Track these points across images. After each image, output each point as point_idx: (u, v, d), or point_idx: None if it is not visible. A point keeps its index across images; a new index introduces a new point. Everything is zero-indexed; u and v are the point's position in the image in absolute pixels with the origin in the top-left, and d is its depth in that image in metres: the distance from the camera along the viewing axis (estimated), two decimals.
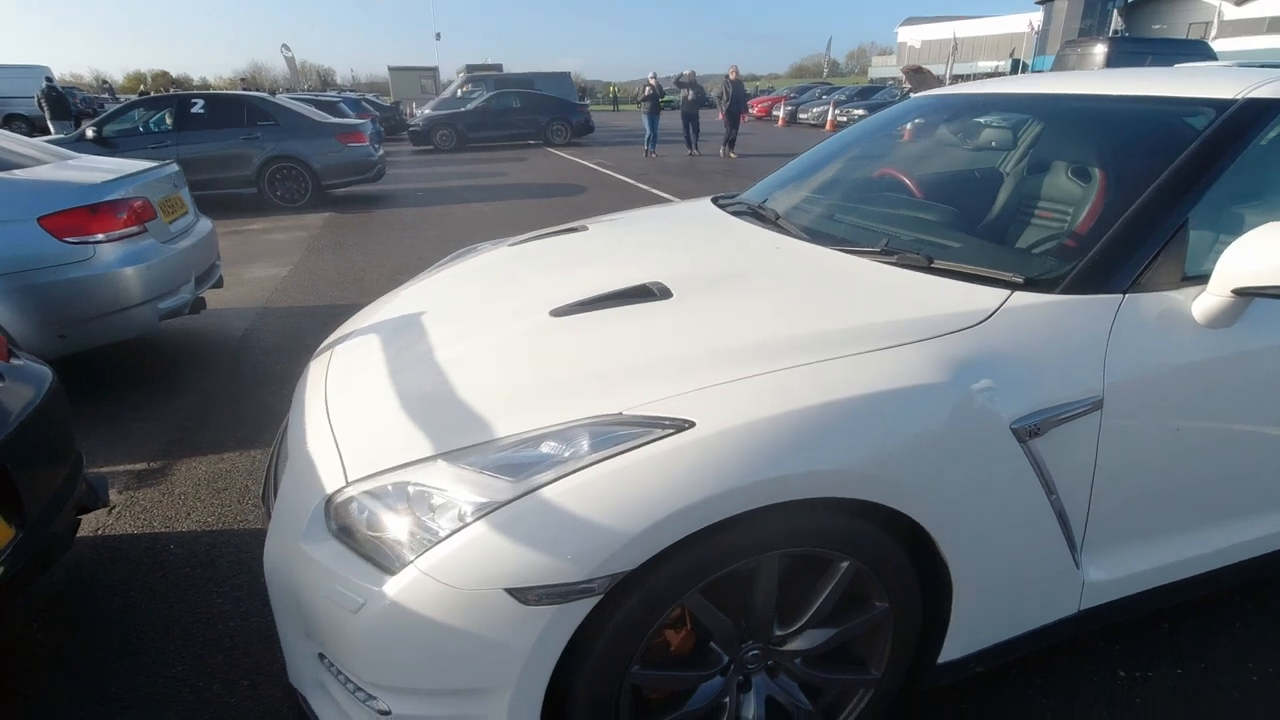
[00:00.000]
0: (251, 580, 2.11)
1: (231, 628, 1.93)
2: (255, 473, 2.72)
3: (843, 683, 1.39)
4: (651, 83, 14.51)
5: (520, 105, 18.39)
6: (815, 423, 1.17)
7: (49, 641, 1.89)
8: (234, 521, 2.41)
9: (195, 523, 2.41)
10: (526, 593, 1.07)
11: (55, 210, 3.11)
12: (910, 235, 1.80)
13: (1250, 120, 1.58)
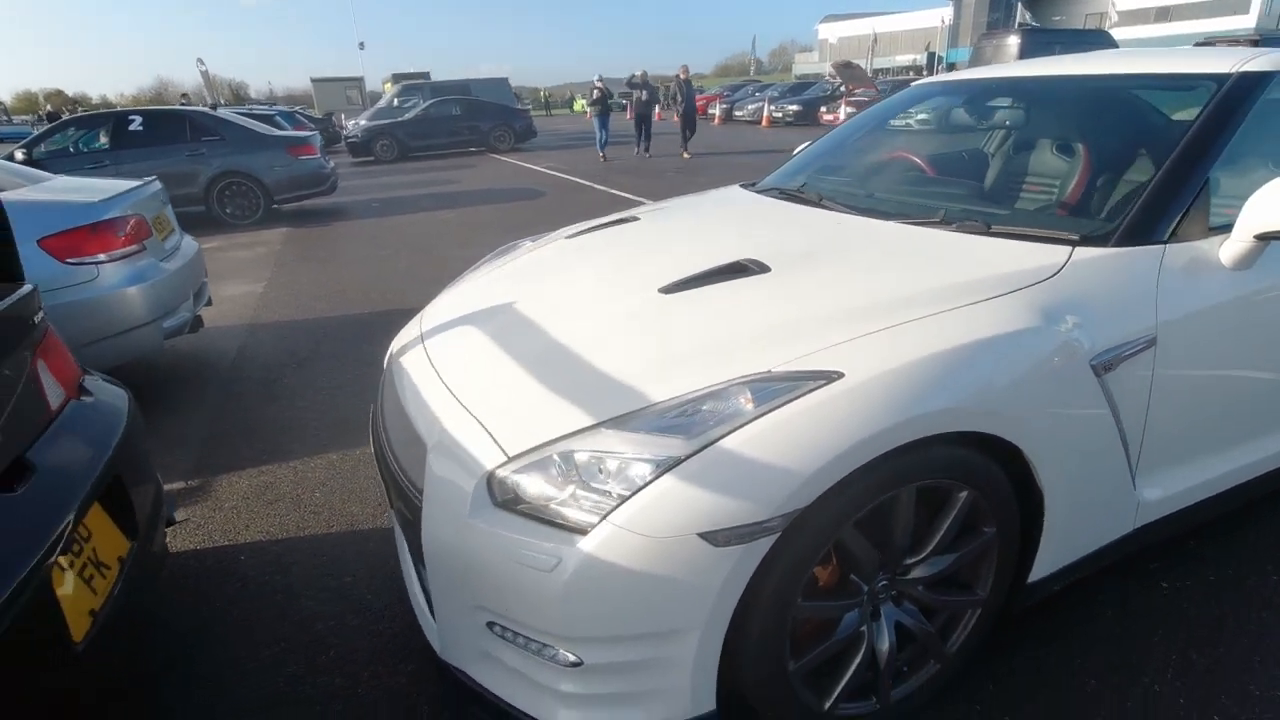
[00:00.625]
0: (335, 582, 2.14)
1: (330, 626, 1.96)
2: (302, 482, 2.71)
3: (956, 604, 1.55)
4: (599, 85, 14.58)
5: (461, 112, 18.22)
6: (944, 366, 1.32)
7: (151, 659, 1.88)
8: (296, 529, 2.42)
9: (257, 534, 2.41)
10: (716, 535, 1.18)
11: (55, 231, 3.03)
12: (957, 207, 1.97)
13: (1247, 90, 1.81)
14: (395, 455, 1.66)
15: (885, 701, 1.51)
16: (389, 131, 17.41)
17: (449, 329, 1.89)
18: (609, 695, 1.29)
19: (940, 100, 2.76)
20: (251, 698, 1.72)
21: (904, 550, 1.43)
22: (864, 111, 2.89)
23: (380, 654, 1.84)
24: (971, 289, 1.50)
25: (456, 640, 1.44)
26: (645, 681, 1.27)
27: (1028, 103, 2.37)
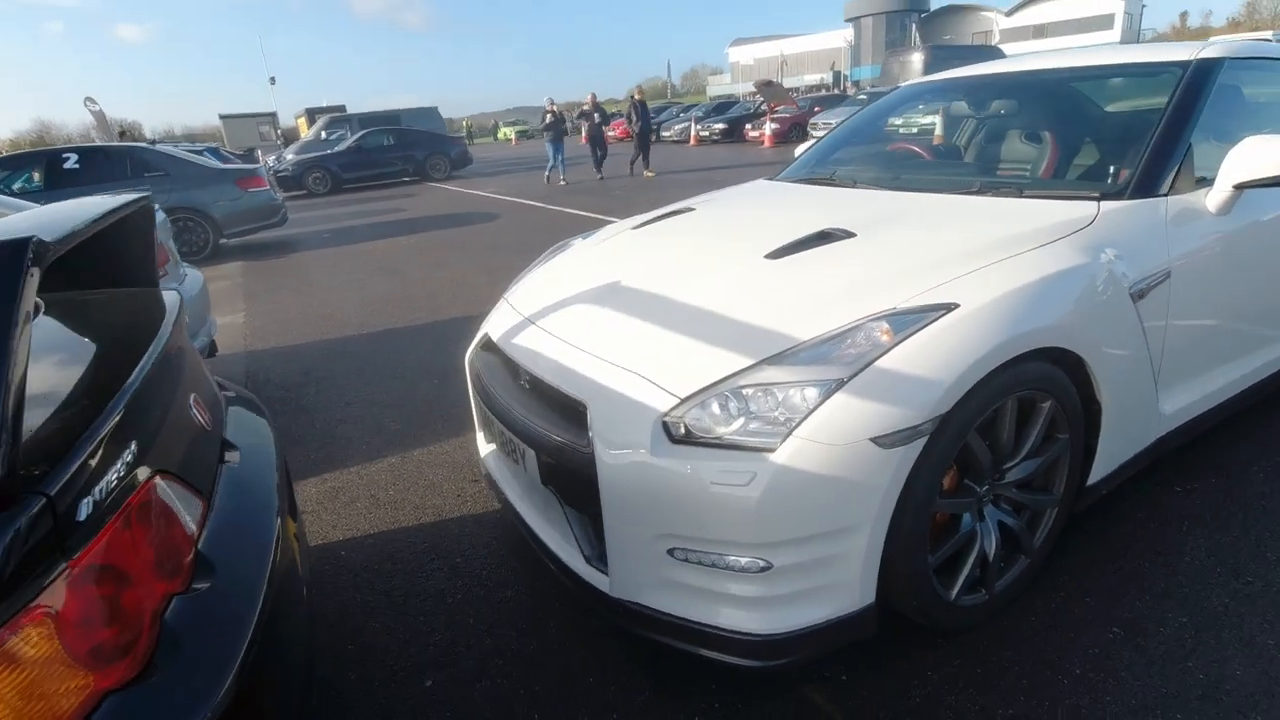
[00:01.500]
0: (446, 564, 2.25)
1: (459, 600, 2.07)
2: (372, 484, 2.79)
3: (1041, 502, 1.82)
4: (552, 109, 14.38)
5: (394, 142, 18.10)
6: (1030, 295, 1.60)
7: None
8: (384, 525, 2.50)
9: (347, 531, 2.48)
10: (884, 439, 1.41)
11: None
12: (987, 179, 2.30)
13: (1207, 72, 2.21)
14: (531, 425, 1.80)
15: (991, 592, 1.76)
16: (321, 164, 17.13)
17: (561, 308, 2.06)
18: (790, 594, 1.49)
19: (933, 97, 3.13)
20: (423, 662, 1.83)
21: (1007, 455, 1.69)
22: (859, 113, 3.22)
23: (515, 614, 1.98)
24: (1030, 237, 1.80)
25: (632, 575, 1.61)
26: (822, 578, 1.48)
27: (1034, 92, 2.73)
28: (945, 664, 1.69)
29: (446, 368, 3.97)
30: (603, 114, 14.68)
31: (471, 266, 6.80)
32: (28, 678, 0.74)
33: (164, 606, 0.96)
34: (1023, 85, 2.76)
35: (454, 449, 3.00)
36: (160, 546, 1.00)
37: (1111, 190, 2.02)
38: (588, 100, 14.89)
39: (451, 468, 2.84)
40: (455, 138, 20.22)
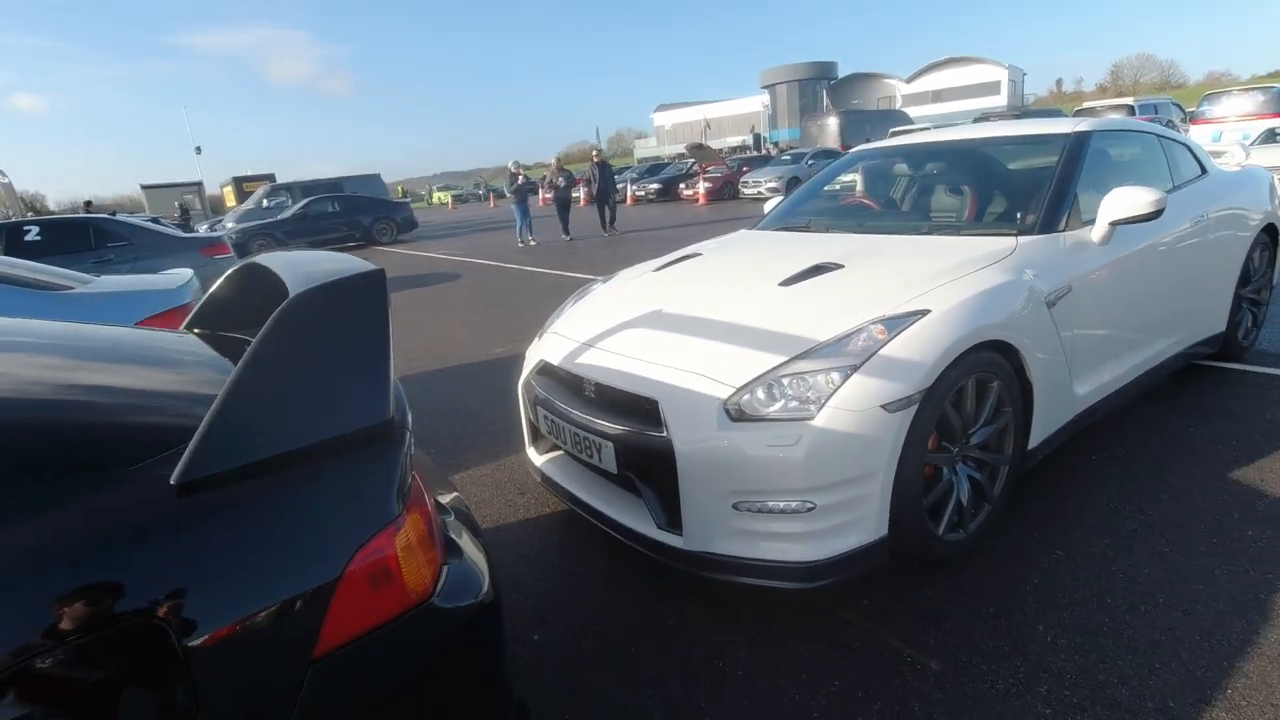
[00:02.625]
0: (519, 555, 2.63)
1: (539, 581, 2.47)
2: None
3: (995, 460, 2.38)
4: (518, 171, 14.64)
5: (339, 208, 18.33)
6: (980, 302, 2.20)
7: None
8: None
9: None
10: (889, 405, 1.95)
11: (153, 314, 3.33)
12: (932, 223, 2.95)
13: (1082, 141, 2.96)
14: (607, 424, 2.26)
15: (967, 531, 2.30)
16: (266, 231, 17.15)
17: (615, 332, 2.55)
18: (829, 529, 1.98)
19: (875, 161, 3.83)
20: (525, 625, 2.22)
21: (971, 421, 2.26)
22: (821, 172, 3.90)
23: (590, 586, 2.40)
24: (972, 263, 2.42)
25: (703, 529, 2.07)
26: (851, 513, 1.99)
27: (958, 156, 3.46)
28: (938, 584, 2.20)
29: (462, 410, 4.36)
30: (568, 176, 14.90)
31: (450, 322, 7.19)
32: (419, 537, 1.16)
33: (443, 528, 1.38)
34: (947, 151, 3.49)
35: (493, 471, 3.39)
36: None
37: (1025, 228, 2.69)
38: (552, 164, 15.30)
39: (496, 486, 3.23)
40: (401, 202, 20.62)
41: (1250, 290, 3.85)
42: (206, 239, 9.26)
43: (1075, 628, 1.99)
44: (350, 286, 1.26)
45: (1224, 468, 2.79)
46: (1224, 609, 2.01)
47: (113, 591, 0.92)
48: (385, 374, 1.22)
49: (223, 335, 1.83)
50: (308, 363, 1.14)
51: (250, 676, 1.00)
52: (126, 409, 1.23)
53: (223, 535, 1.01)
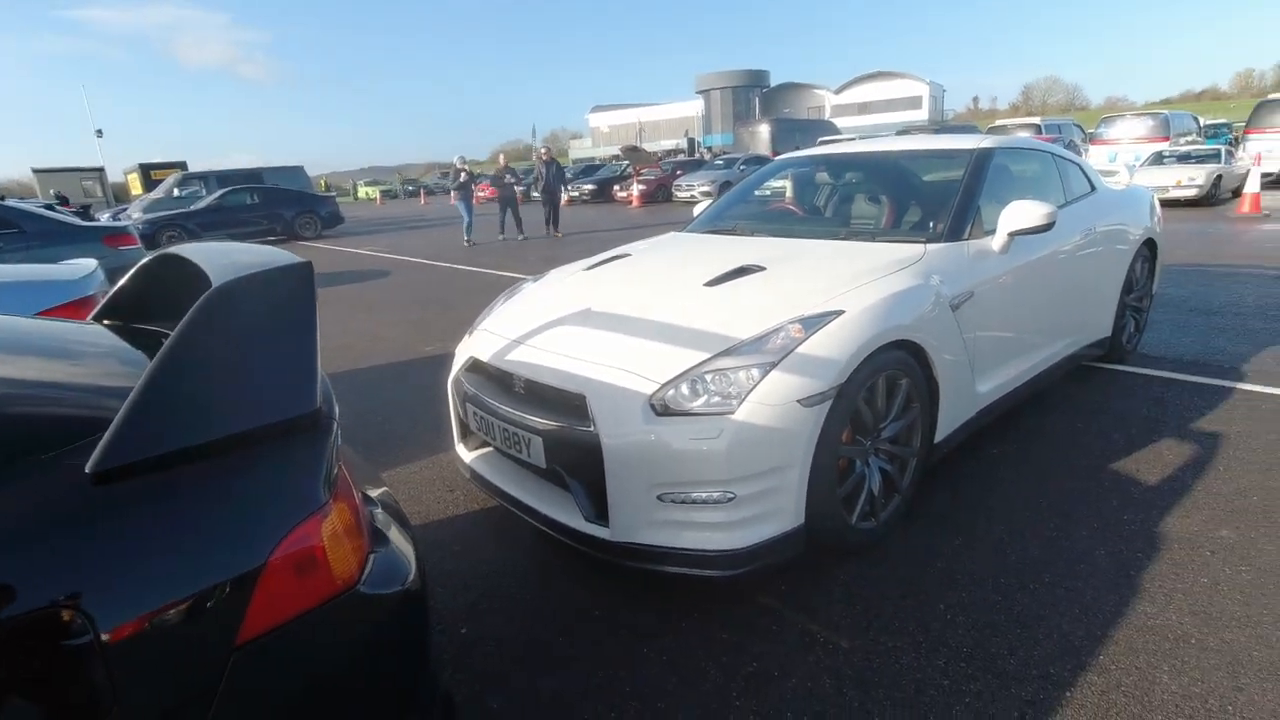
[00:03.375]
0: (448, 551, 2.63)
1: (469, 574, 2.48)
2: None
3: (904, 453, 2.54)
4: (464, 167, 14.04)
5: (259, 200, 17.57)
6: (890, 304, 2.35)
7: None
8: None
9: None
10: (805, 400, 2.06)
11: (53, 305, 3.15)
12: (849, 229, 3.11)
13: (986, 157, 3.18)
14: (536, 419, 2.30)
15: (879, 520, 2.45)
16: (177, 222, 16.28)
17: (545, 329, 2.58)
18: (749, 518, 2.08)
19: (800, 169, 3.99)
20: (454, 618, 2.23)
21: (882, 417, 2.41)
22: (747, 178, 4.04)
23: (521, 576, 2.43)
24: (884, 267, 2.58)
25: (630, 521, 2.13)
26: (769, 503, 2.09)
27: (873, 168, 3.65)
28: (851, 570, 2.34)
29: (390, 408, 4.29)
30: (514, 174, 14.40)
31: (379, 320, 7.02)
32: (345, 525, 1.18)
33: (370, 517, 1.39)
34: (869, 162, 3.68)
35: (422, 468, 3.36)
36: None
37: (933, 236, 2.87)
38: (500, 161, 14.92)
39: (426, 483, 3.21)
40: (326, 196, 19.93)
41: (1133, 298, 4.21)
42: (110, 228, 8.74)
43: (972, 606, 2.15)
44: (277, 278, 1.26)
45: (1106, 459, 3.05)
46: (1100, 585, 2.21)
47: (24, 583, 0.90)
48: (312, 365, 1.23)
49: (135, 328, 1.78)
50: (232, 353, 1.14)
51: (171, 665, 0.99)
52: (36, 399, 1.20)
53: (141, 524, 1.00)
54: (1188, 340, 4.71)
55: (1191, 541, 2.41)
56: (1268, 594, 2.13)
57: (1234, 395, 3.72)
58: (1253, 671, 1.83)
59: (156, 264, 1.79)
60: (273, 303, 1.22)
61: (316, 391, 1.21)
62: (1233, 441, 3.16)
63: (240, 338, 1.16)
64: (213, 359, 1.12)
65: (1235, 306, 5.52)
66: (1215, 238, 9.06)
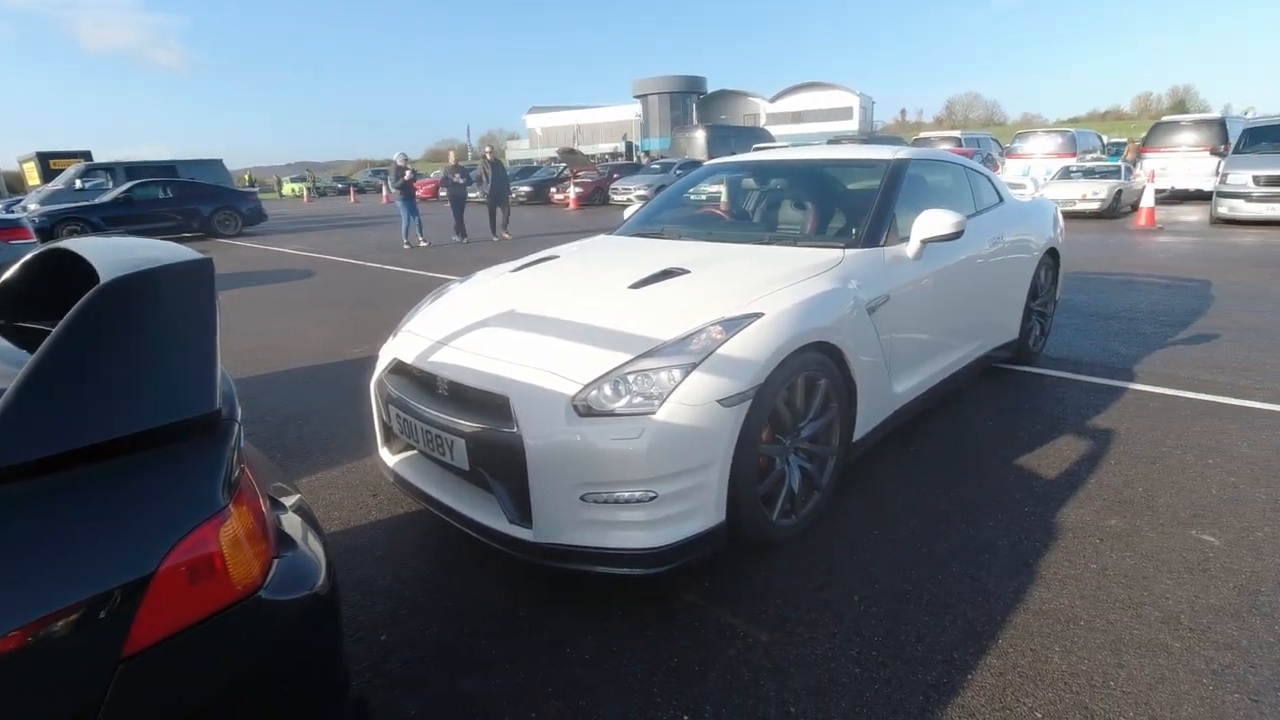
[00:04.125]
0: (369, 557, 2.57)
1: (390, 580, 2.43)
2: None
3: (824, 451, 2.63)
4: (405, 164, 13.16)
5: (173, 195, 16.66)
6: (808, 307, 2.43)
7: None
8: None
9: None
10: (725, 400, 2.11)
11: None
12: (772, 234, 3.20)
13: (901, 167, 3.32)
14: (459, 421, 2.28)
15: (799, 516, 2.52)
16: (80, 215, 15.26)
17: (469, 331, 2.55)
18: (669, 516, 2.11)
19: (727, 174, 4.08)
20: (374, 624, 2.17)
21: (801, 416, 2.48)
22: (676, 182, 4.09)
23: (443, 582, 2.39)
24: (804, 271, 2.66)
25: (554, 521, 2.13)
26: (690, 501, 2.12)
27: (796, 175, 3.77)
28: (772, 565, 2.40)
29: (312, 412, 4.15)
30: (464, 174, 13.78)
31: (303, 321, 6.78)
32: (247, 530, 1.14)
33: (275, 522, 1.35)
34: (793, 169, 3.79)
35: (344, 473, 3.27)
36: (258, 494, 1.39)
37: (851, 242, 2.98)
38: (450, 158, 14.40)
39: (348, 488, 3.12)
40: (248, 192, 19.09)
41: (1038, 304, 4.46)
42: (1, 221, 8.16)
43: (884, 596, 2.24)
44: (173, 275, 1.21)
45: (1012, 454, 3.23)
46: (1002, 573, 2.34)
47: None
48: (211, 366, 1.19)
49: (17, 325, 1.67)
50: (119, 352, 1.09)
51: (51, 680, 0.94)
52: None
53: (15, 533, 0.95)
54: (1088, 343, 5.03)
55: (1084, 530, 2.58)
56: (1148, 577, 2.30)
57: (1126, 394, 3.99)
58: (1133, 648, 1.98)
59: (44, 258, 1.70)
60: (167, 301, 1.17)
61: (216, 393, 1.17)
62: (1123, 437, 3.40)
63: (129, 336, 1.11)
64: (98, 359, 1.07)
65: (1130, 312, 5.93)
66: (1115, 248, 9.69)
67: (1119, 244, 10.07)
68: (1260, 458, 3.13)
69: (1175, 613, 2.12)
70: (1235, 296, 6.38)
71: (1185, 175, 15.09)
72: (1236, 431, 3.42)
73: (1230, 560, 2.38)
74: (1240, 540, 2.49)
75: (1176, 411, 3.72)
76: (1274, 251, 8.90)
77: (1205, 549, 2.45)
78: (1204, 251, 9.08)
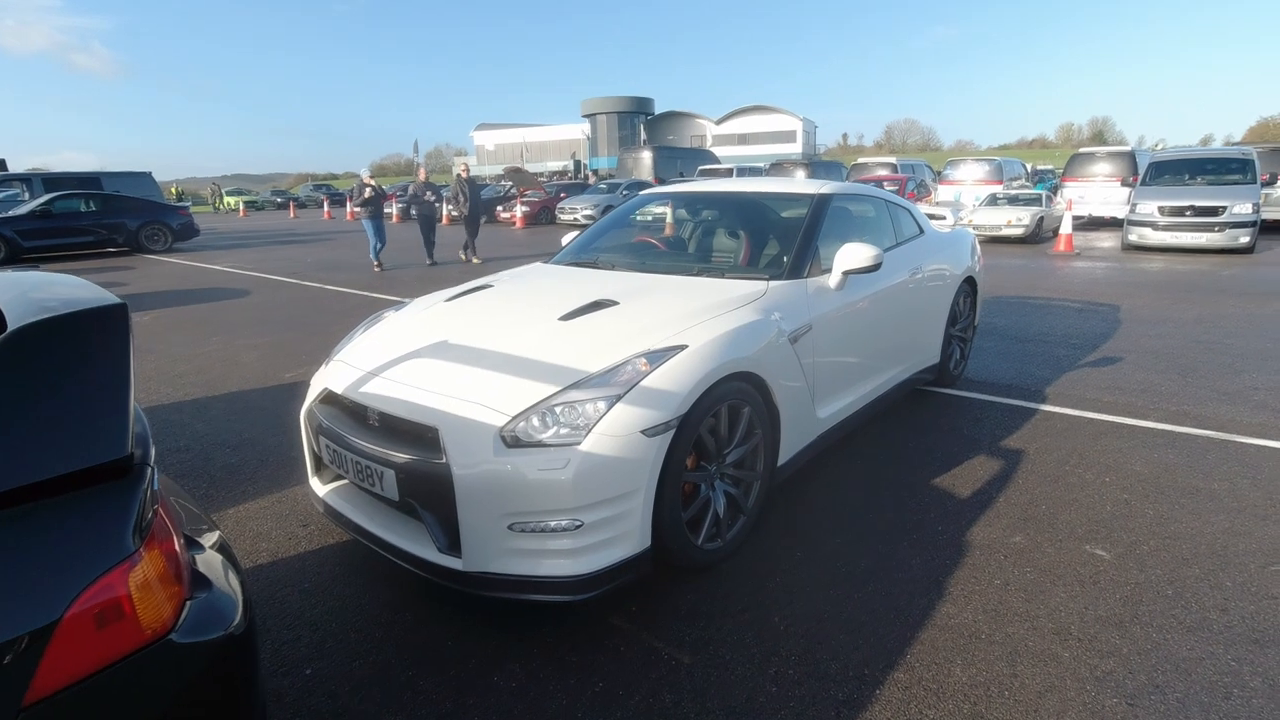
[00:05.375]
0: (296, 589, 2.55)
1: (318, 613, 2.41)
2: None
3: (748, 477, 2.73)
4: (370, 182, 12.29)
5: (98, 208, 15.94)
6: (732, 338, 2.54)
7: None
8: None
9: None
10: (649, 430, 2.19)
11: None
12: (701, 265, 3.31)
13: (825, 201, 3.50)
14: (389, 452, 2.30)
15: (725, 540, 2.62)
16: None
17: (401, 361, 2.57)
18: (595, 544, 2.17)
19: (660, 205, 4.20)
20: (300, 658, 2.16)
21: (725, 443, 2.58)
22: (612, 212, 4.20)
23: (371, 613, 2.39)
24: (729, 304, 2.78)
25: (482, 550, 2.17)
26: (616, 529, 2.19)
27: (724, 206, 3.91)
28: (698, 589, 2.48)
29: (241, 440, 4.06)
30: (435, 192, 12.97)
31: (235, 343, 6.60)
32: (159, 573, 1.16)
33: (190, 563, 1.36)
34: (723, 200, 3.95)
35: (274, 503, 3.22)
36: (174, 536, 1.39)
37: (776, 274, 3.12)
38: (419, 175, 13.38)
39: (277, 519, 3.07)
40: (179, 206, 18.44)
41: (957, 329, 4.71)
42: None
43: (804, 616, 2.35)
44: (86, 320, 1.22)
45: (930, 474, 3.41)
46: (914, 591, 2.48)
47: None
48: (123, 410, 1.20)
49: None
50: (28, 401, 1.10)
51: None
52: None
53: None
54: (1005, 366, 5.32)
55: (990, 547, 2.75)
56: (1045, 590, 2.47)
57: (1037, 415, 4.25)
58: (1027, 659, 2.12)
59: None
60: (79, 347, 1.19)
61: (127, 438, 1.19)
62: (1031, 457, 3.62)
63: (38, 384, 1.12)
64: (3, 409, 1.07)
65: (1046, 336, 6.29)
66: (1035, 272, 10.25)
67: (1040, 268, 10.64)
68: (1151, 475, 3.38)
69: (1067, 624, 2.29)
70: (1140, 321, 6.84)
71: (1101, 204, 16.08)
72: (1132, 450, 3.68)
73: (1118, 573, 2.57)
74: (1128, 554, 2.69)
75: (1081, 431, 3.98)
76: (1176, 277, 9.56)
77: (1097, 563, 2.64)
78: (1115, 277, 9.69)
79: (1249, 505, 3.05)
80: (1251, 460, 3.53)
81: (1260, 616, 2.30)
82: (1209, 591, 2.45)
